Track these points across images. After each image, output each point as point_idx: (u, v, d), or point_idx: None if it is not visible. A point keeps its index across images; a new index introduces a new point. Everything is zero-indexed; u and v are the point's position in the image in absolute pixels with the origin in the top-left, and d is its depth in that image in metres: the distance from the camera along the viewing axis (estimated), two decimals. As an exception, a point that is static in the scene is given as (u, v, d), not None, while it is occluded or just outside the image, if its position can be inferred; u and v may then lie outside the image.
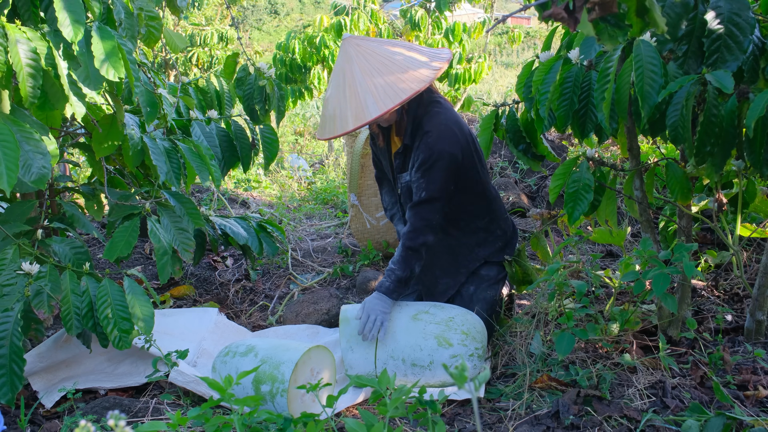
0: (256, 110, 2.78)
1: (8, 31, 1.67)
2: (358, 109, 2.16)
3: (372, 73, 2.20)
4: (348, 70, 2.23)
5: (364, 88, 2.18)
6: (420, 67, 2.22)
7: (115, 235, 2.24)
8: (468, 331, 2.20)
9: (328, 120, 2.27)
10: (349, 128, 2.18)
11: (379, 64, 2.22)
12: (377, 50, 2.26)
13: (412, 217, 2.33)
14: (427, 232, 2.33)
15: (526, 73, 2.26)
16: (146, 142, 2.33)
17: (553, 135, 4.98)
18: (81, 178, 4.99)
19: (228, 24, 9.41)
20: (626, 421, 1.77)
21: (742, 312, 2.44)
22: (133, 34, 2.20)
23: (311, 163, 6.68)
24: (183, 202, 2.48)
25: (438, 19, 6.57)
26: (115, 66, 1.83)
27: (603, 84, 1.84)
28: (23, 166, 1.71)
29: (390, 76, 2.18)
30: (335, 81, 2.29)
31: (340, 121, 2.21)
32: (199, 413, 1.36)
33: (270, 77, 2.74)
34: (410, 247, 2.32)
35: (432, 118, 2.33)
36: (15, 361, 1.85)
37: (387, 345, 2.23)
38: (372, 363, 2.23)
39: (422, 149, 2.30)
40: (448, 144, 2.30)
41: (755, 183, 2.30)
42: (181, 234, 2.37)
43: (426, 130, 2.31)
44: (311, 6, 28.47)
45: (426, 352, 2.17)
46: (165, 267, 2.27)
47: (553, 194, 2.21)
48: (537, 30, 19.98)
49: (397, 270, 2.32)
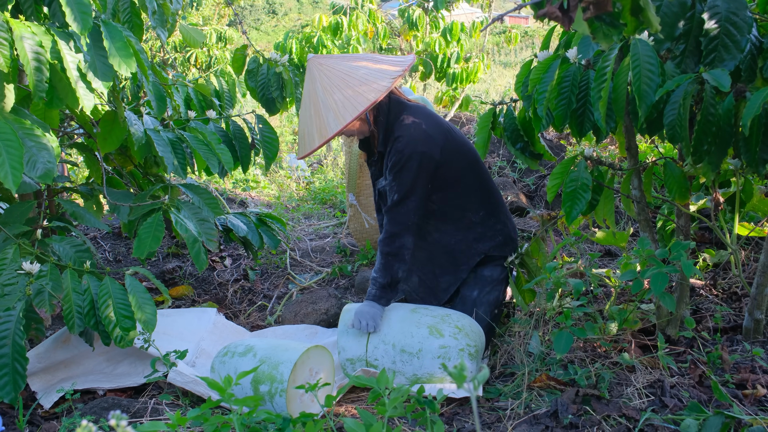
0: (274, 99, 2.77)
1: (13, 27, 1.68)
2: (321, 125, 2.25)
3: (332, 89, 2.27)
4: (311, 90, 2.32)
5: (325, 105, 2.26)
6: (380, 78, 2.28)
7: (141, 232, 2.24)
8: (462, 327, 2.21)
9: (300, 139, 2.37)
10: (315, 145, 2.25)
11: (339, 80, 2.28)
12: (338, 66, 2.33)
13: (388, 222, 2.37)
14: (404, 234, 2.36)
15: (525, 72, 2.26)
16: (150, 135, 2.33)
17: (552, 134, 4.98)
18: (79, 178, 4.99)
19: (225, 24, 9.40)
20: (625, 420, 1.77)
21: (740, 311, 2.44)
22: (162, 23, 2.23)
23: (309, 163, 6.68)
24: (200, 193, 2.50)
25: (436, 18, 6.57)
26: (127, 61, 1.84)
27: (600, 83, 1.85)
28: (28, 163, 1.72)
29: (348, 90, 2.25)
30: (303, 101, 2.38)
31: (308, 138, 2.30)
32: (198, 413, 1.36)
33: (285, 64, 2.74)
34: (389, 253, 2.36)
35: (401, 123, 2.38)
36: (17, 360, 1.86)
37: (381, 331, 2.26)
38: (364, 346, 2.25)
39: (393, 153, 2.36)
40: (421, 144, 2.34)
41: (752, 182, 2.30)
42: (203, 224, 2.38)
43: (396, 135, 2.36)
44: (309, 6, 28.46)
45: (416, 339, 2.18)
46: (199, 255, 2.28)
47: (551, 193, 2.21)
48: (535, 29, 19.99)
49: (379, 278, 2.36)
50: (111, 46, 1.83)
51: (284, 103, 2.80)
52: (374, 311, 2.29)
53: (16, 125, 1.71)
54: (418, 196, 2.36)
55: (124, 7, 2.17)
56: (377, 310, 2.29)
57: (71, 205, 2.43)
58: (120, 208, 2.46)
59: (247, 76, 2.79)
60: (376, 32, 6.57)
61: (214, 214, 2.46)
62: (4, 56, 1.67)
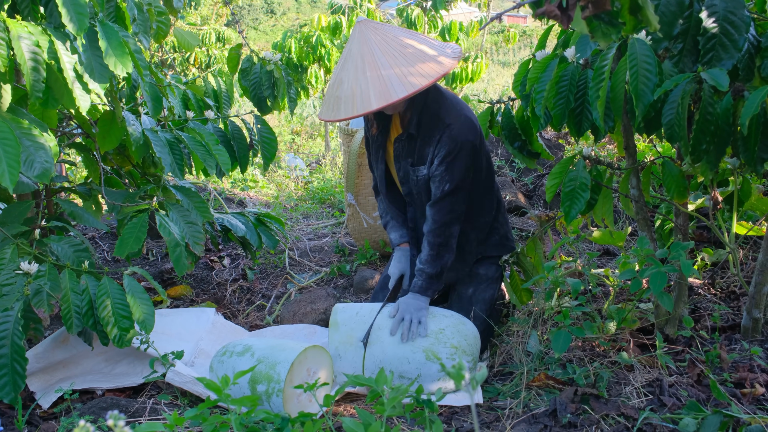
0: (265, 99, 2.74)
1: (10, 27, 1.68)
2: (383, 89, 2.11)
3: (395, 56, 2.16)
4: (367, 53, 2.18)
5: (387, 70, 2.14)
6: (438, 54, 2.20)
7: (125, 232, 2.24)
8: (458, 344, 2.17)
9: (344, 100, 2.19)
10: (372, 107, 2.11)
11: (400, 47, 2.19)
12: (395, 34, 2.24)
13: (437, 212, 2.32)
14: (454, 222, 2.34)
15: (523, 71, 2.26)
16: (148, 136, 2.33)
17: (550, 133, 4.98)
18: (77, 178, 4.99)
19: (224, 24, 9.40)
20: (623, 419, 1.77)
21: (738, 310, 2.45)
22: (145, 30, 2.22)
23: (308, 163, 6.68)
24: (190, 196, 2.49)
25: (434, 18, 6.57)
26: (123, 61, 1.84)
27: (598, 82, 1.85)
28: (25, 162, 1.72)
29: (412, 59, 2.15)
30: (352, 62, 2.21)
31: (361, 101, 2.14)
32: (196, 413, 1.36)
33: (277, 62, 2.72)
34: (440, 243, 2.33)
35: (450, 109, 2.32)
36: (17, 360, 1.85)
37: (375, 356, 2.21)
38: (360, 372, 2.22)
39: (445, 141, 2.28)
40: (469, 133, 2.30)
41: (750, 181, 2.30)
42: (191, 227, 2.37)
43: (447, 122, 2.29)
44: (308, 5, 28.45)
45: (414, 365, 2.15)
46: (180, 259, 2.27)
47: (550, 193, 2.21)
48: (534, 29, 19.98)
49: (426, 268, 2.34)
50: (107, 47, 1.82)
51: (276, 102, 2.78)
52: (420, 304, 2.27)
53: (13, 124, 1.71)
54: (467, 184, 2.34)
55: (109, 11, 2.14)
56: (423, 303, 2.27)
57: (69, 204, 2.43)
58: (118, 207, 2.46)
59: (240, 75, 2.77)
60: (375, 32, 6.56)
61: (204, 217, 2.45)
62: (2, 56, 1.67)
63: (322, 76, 6.35)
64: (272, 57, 2.73)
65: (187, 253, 2.33)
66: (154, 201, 2.34)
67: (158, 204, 2.35)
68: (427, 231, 2.35)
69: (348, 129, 3.49)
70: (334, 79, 2.26)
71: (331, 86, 2.28)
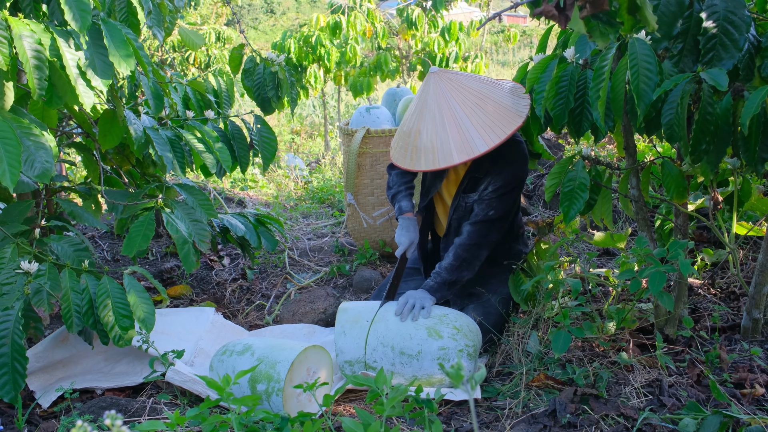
0: (269, 99, 2.76)
1: (12, 25, 1.67)
2: (464, 144, 2.24)
3: (472, 108, 2.28)
4: (445, 106, 2.31)
5: (467, 124, 2.26)
6: (510, 101, 2.31)
7: (132, 230, 2.24)
8: (460, 327, 2.20)
9: (424, 152, 2.32)
10: (454, 161, 2.24)
11: (475, 98, 2.30)
12: (470, 85, 2.34)
13: (476, 232, 2.41)
14: (485, 247, 2.43)
15: (522, 73, 2.26)
16: (149, 134, 2.33)
17: (550, 134, 4.98)
18: (77, 178, 4.99)
19: (223, 23, 9.39)
20: (623, 419, 1.77)
21: (738, 310, 2.45)
22: (159, 23, 2.22)
23: (308, 163, 6.68)
24: (194, 193, 2.49)
25: (434, 17, 6.57)
26: (127, 59, 1.84)
27: (598, 82, 1.85)
28: (26, 162, 1.72)
29: (491, 113, 2.27)
30: (429, 114, 2.34)
31: (442, 154, 2.27)
32: (196, 412, 1.36)
33: (281, 63, 2.73)
34: (465, 258, 2.40)
35: (514, 147, 2.41)
36: (17, 359, 1.85)
37: (379, 332, 2.24)
38: (362, 348, 2.23)
39: (505, 174, 2.39)
40: (525, 171, 2.44)
41: (750, 181, 2.30)
42: (196, 225, 2.38)
43: (511, 159, 2.40)
44: (307, 5, 28.43)
45: (415, 341, 2.17)
46: (188, 256, 2.28)
47: (549, 193, 2.21)
48: (533, 29, 19.98)
49: (443, 273, 2.40)
50: (111, 44, 1.82)
51: (279, 102, 2.79)
52: (427, 296, 2.31)
53: (14, 124, 1.70)
54: (510, 216, 2.48)
55: (121, 7, 2.16)
56: (427, 298, 2.31)
57: (69, 204, 2.43)
58: (118, 207, 2.46)
59: (243, 75, 2.78)
60: (375, 32, 6.57)
61: (208, 215, 2.45)
62: (4, 54, 1.66)
63: (322, 76, 6.35)
64: (276, 58, 2.74)
65: (195, 250, 2.34)
66: (159, 199, 2.35)
67: (162, 202, 2.35)
68: (459, 244, 2.42)
69: (348, 129, 3.49)
70: (410, 127, 2.40)
71: (407, 134, 2.41)
